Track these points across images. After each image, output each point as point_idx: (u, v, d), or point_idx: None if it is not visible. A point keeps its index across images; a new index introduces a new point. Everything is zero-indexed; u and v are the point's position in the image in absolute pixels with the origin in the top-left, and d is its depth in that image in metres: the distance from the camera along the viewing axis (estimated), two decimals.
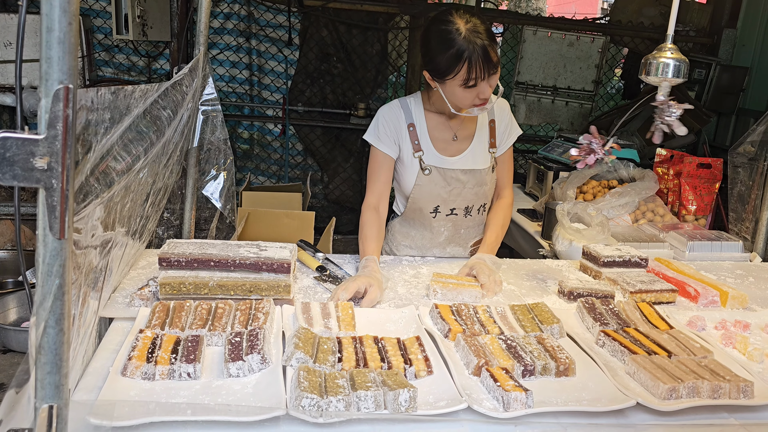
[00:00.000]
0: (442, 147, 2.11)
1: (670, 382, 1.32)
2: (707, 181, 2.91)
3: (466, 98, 1.92)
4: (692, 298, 1.93)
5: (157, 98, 1.48)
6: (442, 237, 2.23)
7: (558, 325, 1.62)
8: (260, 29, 5.20)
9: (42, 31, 0.78)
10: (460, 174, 2.10)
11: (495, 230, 2.16)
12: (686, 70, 1.95)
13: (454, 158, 2.12)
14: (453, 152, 2.12)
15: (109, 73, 5.04)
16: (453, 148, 2.12)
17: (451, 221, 2.19)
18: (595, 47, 5.17)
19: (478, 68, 1.84)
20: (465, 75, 1.85)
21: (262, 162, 5.60)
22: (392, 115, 2.09)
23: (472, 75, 1.85)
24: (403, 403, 1.22)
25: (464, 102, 1.93)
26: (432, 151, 2.10)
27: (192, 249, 1.66)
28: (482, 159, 2.14)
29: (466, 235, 2.26)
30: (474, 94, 1.90)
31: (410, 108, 2.10)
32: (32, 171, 0.81)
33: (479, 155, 2.14)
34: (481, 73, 1.85)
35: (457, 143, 2.12)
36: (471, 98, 1.92)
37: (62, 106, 0.80)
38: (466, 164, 2.12)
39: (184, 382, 1.30)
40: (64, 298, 0.86)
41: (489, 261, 2.00)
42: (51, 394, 0.88)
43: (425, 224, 2.21)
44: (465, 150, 2.12)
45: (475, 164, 2.12)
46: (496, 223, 2.19)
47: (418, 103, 2.12)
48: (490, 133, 2.15)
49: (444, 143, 2.11)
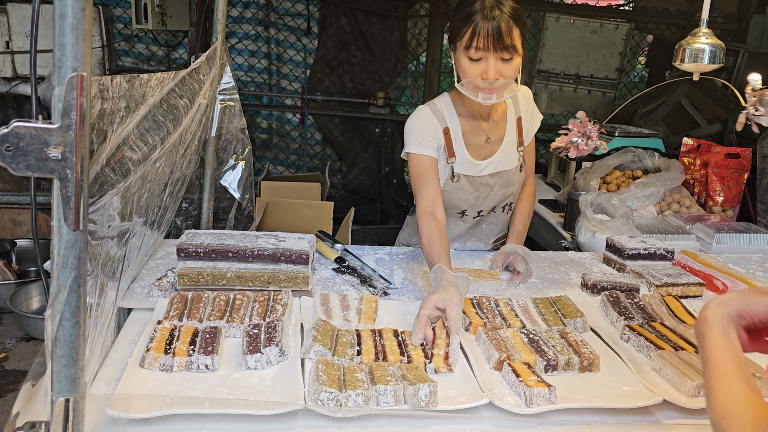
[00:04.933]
0: (475, 151, 2.03)
1: (698, 379, 1.28)
2: (735, 171, 2.83)
3: (471, 71, 1.80)
4: (720, 292, 1.88)
5: (174, 87, 1.46)
6: (465, 230, 2.19)
7: (581, 318, 1.58)
8: (279, 18, 5.18)
9: (55, 17, 0.76)
10: (488, 179, 2.04)
11: (522, 219, 2.14)
12: (722, 55, 1.88)
13: (485, 161, 2.04)
14: (485, 155, 2.04)
15: (129, 63, 5.06)
16: (486, 151, 2.04)
17: (476, 220, 2.15)
18: (619, 34, 5.06)
19: (482, 37, 1.73)
20: (468, 40, 1.76)
21: (280, 151, 5.59)
22: (426, 120, 1.96)
23: (474, 42, 1.74)
24: (423, 397, 1.19)
25: (469, 74, 1.81)
26: (466, 157, 2.01)
27: (210, 240, 1.65)
28: (512, 159, 2.07)
29: (488, 231, 2.21)
30: (478, 70, 1.79)
31: (442, 112, 1.99)
32: (46, 161, 0.80)
33: (510, 156, 2.07)
34: (485, 44, 1.74)
35: (489, 146, 2.04)
36: (475, 74, 1.80)
37: (76, 94, 0.78)
38: (495, 167, 2.05)
39: (202, 374, 1.29)
40: (80, 290, 0.85)
41: (521, 252, 1.97)
42: (67, 387, 0.87)
43: (450, 222, 2.12)
44: (496, 152, 2.05)
45: (505, 165, 2.06)
46: (522, 212, 2.15)
47: (449, 107, 2.00)
48: (518, 131, 2.08)
49: (478, 147, 2.03)
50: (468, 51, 1.77)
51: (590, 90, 5.19)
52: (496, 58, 1.77)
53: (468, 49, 1.77)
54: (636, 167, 2.93)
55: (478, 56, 1.77)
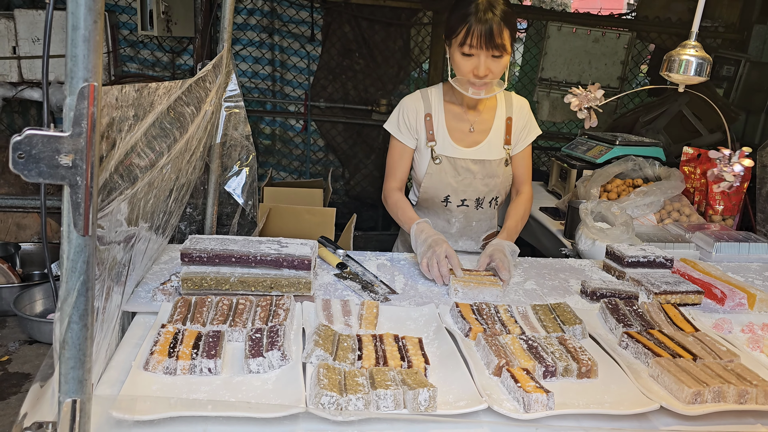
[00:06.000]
0: (458, 137, 2.19)
1: (695, 386, 1.29)
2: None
3: (464, 67, 2.00)
4: (719, 300, 1.89)
5: (181, 95, 1.48)
6: (455, 228, 2.29)
7: (580, 325, 1.60)
8: (283, 25, 5.22)
9: (67, 29, 0.78)
10: (470, 164, 2.17)
11: (515, 218, 2.19)
12: (709, 68, 1.94)
13: (469, 149, 2.19)
14: (469, 143, 2.19)
15: (134, 69, 5.10)
16: (469, 140, 2.19)
17: (463, 213, 2.25)
18: (621, 43, 5.09)
19: (475, 37, 1.93)
20: (462, 38, 1.95)
21: (283, 158, 5.62)
22: (412, 105, 2.19)
23: (468, 41, 1.94)
24: (423, 402, 1.21)
25: (461, 70, 2.02)
26: (447, 141, 2.18)
27: (214, 245, 1.67)
28: (496, 152, 2.20)
29: (478, 228, 2.31)
30: (470, 66, 1.99)
31: (430, 98, 2.19)
32: (57, 168, 0.82)
33: (494, 148, 2.20)
34: (478, 43, 1.93)
35: (473, 135, 2.19)
36: (467, 69, 2.00)
37: (87, 103, 0.80)
38: (478, 155, 2.18)
39: (205, 377, 1.31)
40: (88, 294, 0.87)
41: (507, 249, 2.00)
42: (74, 389, 0.89)
43: (438, 213, 2.28)
44: (481, 142, 2.20)
45: (488, 155, 2.19)
46: (516, 213, 2.22)
47: (438, 94, 2.21)
48: (506, 130, 2.21)
49: (461, 134, 2.19)
50: (462, 48, 1.98)
51: None
52: (486, 56, 1.96)
53: (462, 46, 1.97)
54: (636, 176, 2.95)
55: (471, 53, 1.97)
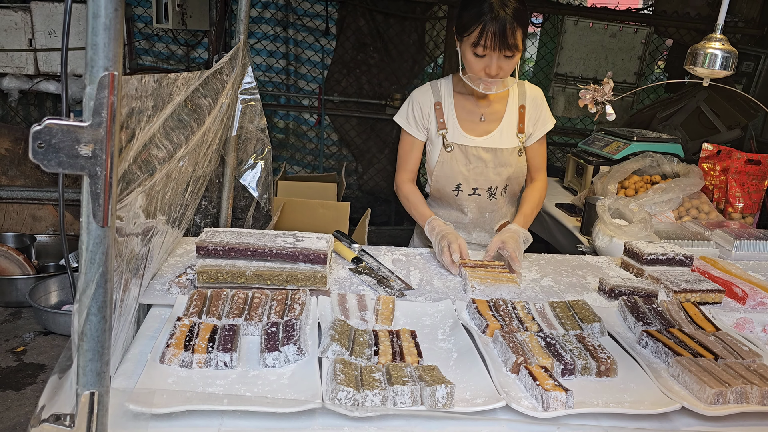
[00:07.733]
0: (469, 127, 2.18)
1: (717, 386, 1.27)
2: (755, 177, 2.81)
3: (475, 65, 1.98)
4: (739, 299, 1.86)
5: (198, 87, 1.47)
6: (467, 219, 2.27)
7: (599, 323, 1.57)
8: (297, 18, 5.21)
9: (88, 17, 0.77)
10: (482, 152, 2.16)
11: (531, 204, 2.19)
12: (735, 61, 1.88)
13: (481, 138, 2.17)
14: (480, 132, 2.18)
15: (149, 62, 5.11)
16: (480, 129, 2.18)
17: (475, 202, 2.24)
18: (639, 38, 5.03)
19: (489, 38, 1.89)
20: (475, 38, 1.92)
21: (297, 151, 5.62)
22: (422, 97, 2.19)
23: (481, 41, 1.91)
24: (440, 399, 1.20)
25: (472, 68, 2.00)
26: (458, 130, 2.16)
27: (229, 238, 1.67)
28: (508, 140, 2.18)
29: (491, 220, 2.30)
30: (482, 65, 1.97)
31: (440, 89, 2.19)
32: (77, 158, 0.81)
33: (506, 137, 2.18)
34: (491, 44, 1.90)
35: (484, 124, 2.18)
36: (478, 68, 1.98)
37: (107, 93, 0.79)
38: (490, 143, 2.17)
39: (221, 371, 1.31)
40: (107, 285, 0.86)
41: (522, 237, 2.01)
42: (92, 381, 0.89)
43: (451, 204, 2.27)
44: (492, 131, 2.18)
45: (500, 144, 2.17)
46: (532, 199, 2.22)
47: (448, 85, 2.20)
48: (519, 118, 2.19)
49: (471, 123, 2.18)
50: (475, 48, 1.95)
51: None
52: (499, 56, 1.94)
53: (475, 47, 1.94)
54: (654, 172, 2.91)
55: (483, 53, 1.94)
